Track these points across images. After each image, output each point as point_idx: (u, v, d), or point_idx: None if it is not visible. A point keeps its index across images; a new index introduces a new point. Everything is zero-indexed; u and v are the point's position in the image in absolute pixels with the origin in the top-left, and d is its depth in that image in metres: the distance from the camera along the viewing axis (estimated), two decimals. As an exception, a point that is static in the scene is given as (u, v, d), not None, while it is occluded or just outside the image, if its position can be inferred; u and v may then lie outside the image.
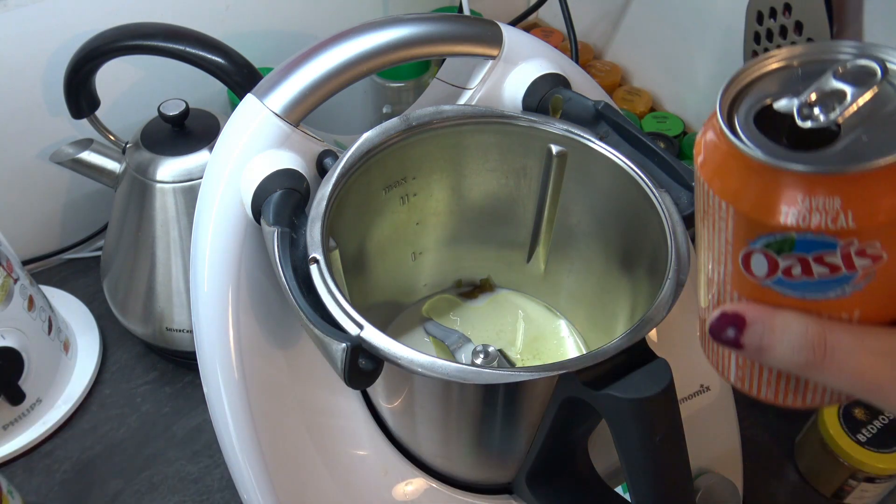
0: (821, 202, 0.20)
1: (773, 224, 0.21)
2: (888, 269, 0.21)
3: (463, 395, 0.38)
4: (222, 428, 0.42)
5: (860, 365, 0.22)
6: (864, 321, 0.22)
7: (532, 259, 0.51)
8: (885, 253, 0.21)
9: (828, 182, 0.20)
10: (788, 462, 0.65)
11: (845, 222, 0.20)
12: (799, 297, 0.22)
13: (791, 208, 0.20)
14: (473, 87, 0.47)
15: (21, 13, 0.64)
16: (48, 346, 0.64)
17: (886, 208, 0.20)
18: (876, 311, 0.22)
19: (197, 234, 0.41)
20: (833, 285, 0.22)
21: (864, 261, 0.21)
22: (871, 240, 0.20)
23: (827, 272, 0.21)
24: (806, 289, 0.22)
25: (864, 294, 0.22)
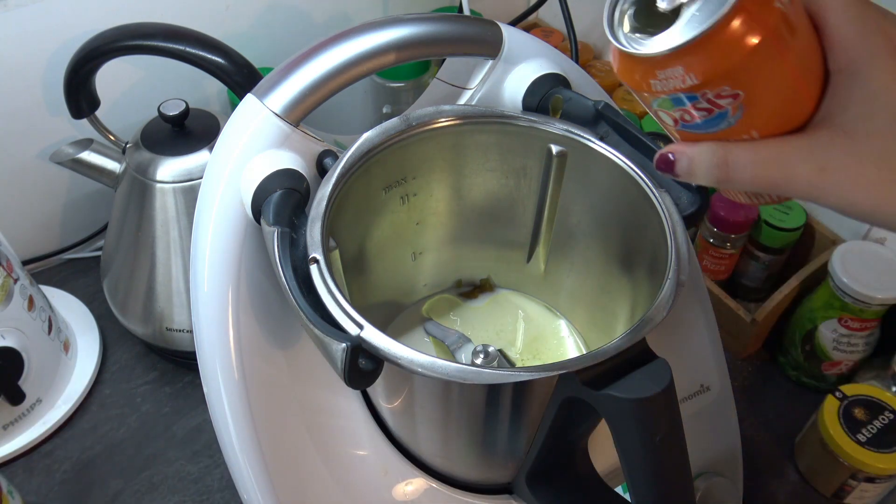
0: (669, 72, 0.27)
1: (653, 92, 0.28)
2: (751, 99, 0.27)
3: (463, 395, 0.38)
4: (222, 428, 0.42)
5: (758, 172, 0.28)
6: (764, 136, 0.28)
7: (532, 259, 0.51)
8: (739, 91, 0.27)
9: (668, 57, 0.26)
10: (788, 462, 0.65)
11: (692, 80, 0.26)
12: (704, 132, 0.29)
13: (656, 80, 0.27)
14: (473, 87, 0.47)
15: (21, 13, 0.64)
16: (48, 346, 0.64)
17: (714, 64, 0.26)
18: (767, 128, 0.28)
19: (197, 234, 0.41)
20: (719, 120, 0.28)
21: (726, 100, 0.27)
22: (718, 87, 0.27)
23: (707, 114, 0.28)
24: (705, 126, 0.28)
25: (748, 119, 0.28)
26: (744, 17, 0.25)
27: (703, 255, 0.73)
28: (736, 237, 0.70)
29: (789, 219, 0.70)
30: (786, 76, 0.27)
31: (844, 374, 0.67)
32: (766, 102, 0.27)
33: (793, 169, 0.28)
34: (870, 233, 0.68)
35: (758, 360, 0.72)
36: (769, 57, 0.26)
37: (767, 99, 0.27)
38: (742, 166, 0.28)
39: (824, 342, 0.66)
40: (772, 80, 0.27)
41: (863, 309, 0.63)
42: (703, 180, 0.30)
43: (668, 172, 0.31)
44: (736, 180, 0.29)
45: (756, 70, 0.26)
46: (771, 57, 0.26)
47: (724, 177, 0.29)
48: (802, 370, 0.69)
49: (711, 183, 0.30)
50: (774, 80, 0.27)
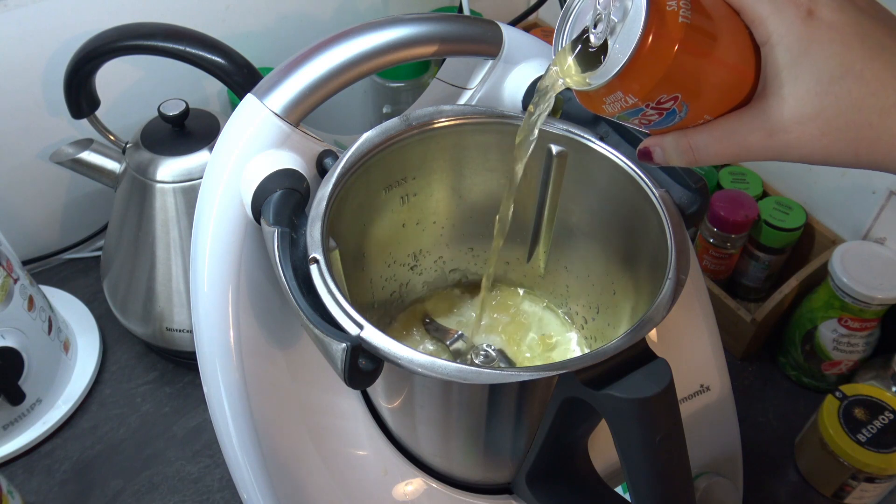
0: (612, 98, 0.30)
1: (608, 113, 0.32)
2: (689, 96, 0.30)
3: (463, 395, 0.38)
4: (222, 428, 0.42)
5: (718, 149, 0.32)
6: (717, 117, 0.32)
7: (532, 259, 0.51)
8: (675, 94, 0.30)
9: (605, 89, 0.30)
10: (788, 462, 0.65)
11: (632, 100, 0.30)
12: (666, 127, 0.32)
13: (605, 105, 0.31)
14: (473, 87, 0.47)
15: (21, 13, 0.64)
16: (48, 346, 0.64)
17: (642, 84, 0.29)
18: (716, 109, 0.32)
19: (197, 234, 0.41)
20: (671, 118, 0.31)
21: (668, 104, 0.30)
22: (655, 97, 0.30)
23: (658, 116, 0.31)
24: (664, 123, 0.32)
25: (695, 110, 0.31)
26: (653, 44, 0.29)
27: (703, 255, 0.73)
28: (736, 237, 0.70)
29: (789, 219, 0.70)
30: (712, 67, 0.30)
31: (844, 374, 0.67)
32: (704, 93, 0.31)
33: (745, 139, 0.31)
34: (870, 233, 0.68)
35: (758, 360, 0.72)
36: (689, 62, 0.29)
37: (703, 91, 0.31)
38: (703, 147, 0.32)
39: (824, 342, 0.66)
40: (699, 75, 0.30)
41: (863, 309, 0.63)
42: (678, 164, 0.34)
43: (649, 162, 0.35)
44: (703, 159, 0.33)
45: (680, 77, 0.30)
46: (689, 61, 0.29)
47: (692, 159, 0.33)
48: (802, 370, 0.69)
49: (686, 164, 0.34)
50: (702, 74, 0.30)
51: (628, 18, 0.29)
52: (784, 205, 0.71)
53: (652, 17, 0.28)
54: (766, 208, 0.70)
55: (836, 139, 0.30)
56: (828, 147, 0.30)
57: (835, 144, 0.30)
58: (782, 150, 0.31)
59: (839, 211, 0.70)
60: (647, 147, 0.34)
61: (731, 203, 0.69)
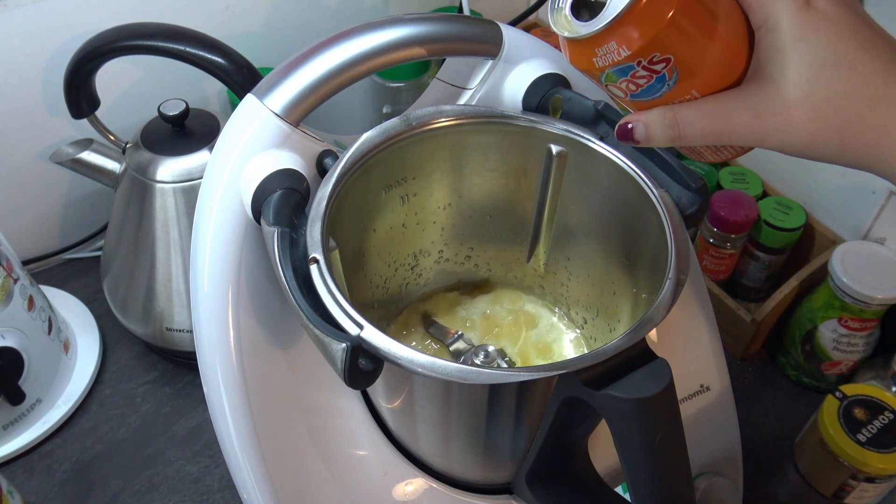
0: (605, 48, 0.30)
1: (597, 68, 0.31)
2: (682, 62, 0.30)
3: (463, 395, 0.38)
4: (222, 428, 0.42)
5: (703, 126, 0.32)
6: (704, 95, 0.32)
7: (532, 259, 0.51)
8: (669, 55, 0.30)
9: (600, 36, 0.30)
10: (788, 462, 0.65)
11: (625, 52, 0.30)
12: (652, 98, 0.32)
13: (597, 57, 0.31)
14: (473, 87, 0.47)
15: (21, 13, 0.64)
16: (48, 346, 0.64)
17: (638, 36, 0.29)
18: (705, 87, 0.32)
19: (197, 234, 0.41)
20: (660, 84, 0.31)
21: (659, 65, 0.30)
22: (649, 54, 0.30)
23: (647, 80, 0.31)
24: (650, 92, 0.32)
25: (684, 80, 0.31)
26: None
27: (703, 255, 0.73)
28: (736, 237, 0.70)
29: (789, 219, 0.70)
30: (707, 39, 0.31)
31: (844, 374, 0.67)
32: (696, 64, 0.31)
33: (732, 118, 0.31)
34: (870, 233, 0.68)
35: (758, 360, 0.72)
36: (686, 25, 0.30)
37: (696, 60, 0.31)
38: (689, 122, 0.32)
39: (824, 342, 0.66)
40: (694, 43, 0.30)
41: (863, 309, 0.63)
42: (659, 141, 0.33)
43: (629, 140, 0.34)
44: (687, 136, 0.32)
45: (676, 37, 0.30)
46: (687, 25, 0.30)
47: (676, 134, 0.32)
48: (802, 370, 0.69)
49: (667, 142, 0.33)
50: (697, 43, 0.30)
51: None
52: (784, 205, 0.71)
53: None
54: (766, 208, 0.70)
55: (823, 125, 0.30)
56: (814, 134, 0.30)
57: (822, 131, 0.30)
58: (768, 132, 0.31)
59: (839, 211, 0.70)
60: (628, 121, 0.34)
61: (731, 203, 0.69)
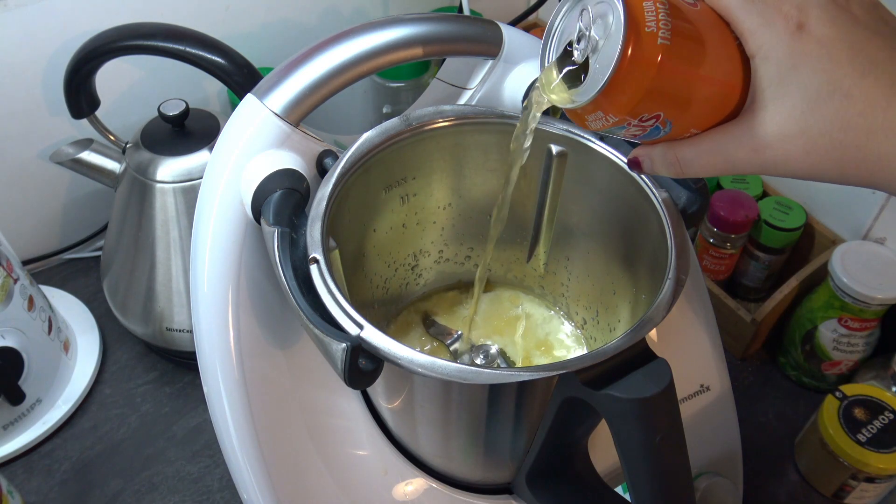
0: (593, 116, 0.31)
1: (593, 129, 0.32)
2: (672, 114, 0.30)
3: (463, 395, 0.38)
4: (222, 428, 0.42)
5: (703, 162, 0.32)
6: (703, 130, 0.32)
7: (532, 258, 0.51)
8: (657, 112, 0.30)
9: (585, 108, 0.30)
10: (788, 462, 0.65)
11: (613, 119, 0.30)
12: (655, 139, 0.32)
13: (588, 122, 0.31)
14: (473, 87, 0.47)
15: (21, 13, 0.64)
16: (48, 346, 0.64)
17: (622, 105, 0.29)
18: (703, 124, 0.32)
19: (197, 234, 0.41)
20: (656, 133, 0.31)
21: (650, 121, 0.30)
22: (637, 116, 0.30)
23: (642, 132, 0.31)
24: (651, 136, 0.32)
25: (679, 125, 0.31)
26: (630, 66, 0.28)
27: (703, 255, 0.73)
28: (736, 237, 0.70)
29: (789, 219, 0.70)
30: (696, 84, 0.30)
31: (844, 374, 0.67)
32: (688, 109, 0.31)
33: (731, 154, 0.31)
34: (870, 233, 0.68)
35: (758, 360, 0.72)
36: (668, 82, 0.29)
37: (687, 107, 0.31)
38: (690, 160, 0.32)
39: (824, 342, 0.66)
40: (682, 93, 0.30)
41: (863, 309, 0.63)
42: (666, 174, 0.34)
43: (639, 171, 0.35)
44: (689, 172, 0.33)
45: (660, 95, 0.29)
46: (670, 81, 0.29)
47: (678, 171, 0.33)
48: (802, 370, 0.69)
49: (673, 176, 0.34)
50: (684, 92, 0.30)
51: (609, 38, 0.29)
52: (784, 205, 0.71)
53: (629, 39, 0.28)
54: (766, 208, 0.70)
55: (821, 158, 0.30)
56: (813, 165, 0.30)
57: (820, 163, 0.30)
58: (768, 165, 0.31)
59: (839, 211, 0.70)
60: (637, 157, 0.34)
61: (731, 203, 0.69)
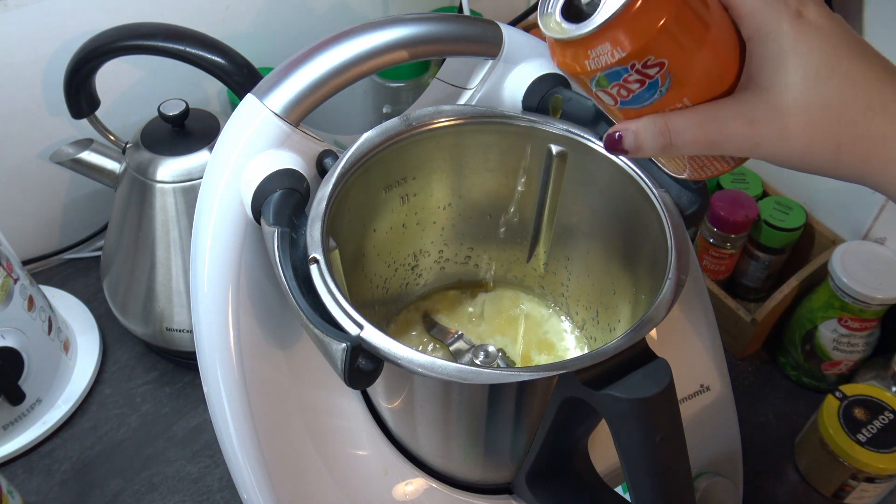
0: (598, 49, 0.30)
1: (589, 71, 0.31)
2: (675, 67, 0.30)
3: (463, 395, 0.38)
4: (222, 428, 0.42)
5: (696, 134, 0.31)
6: (696, 102, 0.31)
7: (532, 258, 0.51)
8: (663, 59, 0.30)
9: (595, 36, 0.29)
10: (788, 462, 0.65)
11: (619, 53, 0.29)
12: (642, 106, 0.31)
13: (588, 59, 0.30)
14: (473, 87, 0.47)
15: (21, 13, 0.64)
16: (48, 346, 0.64)
17: (633, 38, 0.29)
18: (697, 95, 0.31)
19: (197, 234, 0.41)
20: (652, 91, 0.31)
21: (653, 69, 0.30)
22: (643, 57, 0.29)
23: (639, 86, 0.30)
24: (641, 99, 0.31)
25: (677, 87, 0.31)
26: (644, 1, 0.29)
27: (703, 255, 0.73)
28: (736, 237, 0.70)
29: (789, 219, 0.70)
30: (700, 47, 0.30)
31: (844, 374, 0.67)
32: (690, 70, 0.31)
33: (726, 125, 0.31)
34: (870, 233, 0.68)
35: (758, 360, 0.72)
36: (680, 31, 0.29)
37: (690, 67, 0.30)
38: (681, 129, 0.31)
39: (824, 342, 0.66)
40: (688, 50, 0.30)
41: (863, 309, 0.63)
42: (649, 150, 0.32)
43: (617, 150, 0.33)
44: (678, 144, 0.31)
45: (671, 42, 0.30)
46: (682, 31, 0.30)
47: (667, 142, 0.32)
48: (802, 370, 0.69)
49: (657, 152, 0.32)
50: (690, 50, 0.30)
51: None
52: (784, 205, 0.71)
53: None
54: (766, 208, 0.70)
55: (819, 134, 0.30)
56: (809, 143, 0.30)
57: (817, 140, 0.30)
58: (762, 141, 0.31)
59: (839, 211, 0.70)
60: (617, 131, 0.32)
61: (731, 203, 0.69)
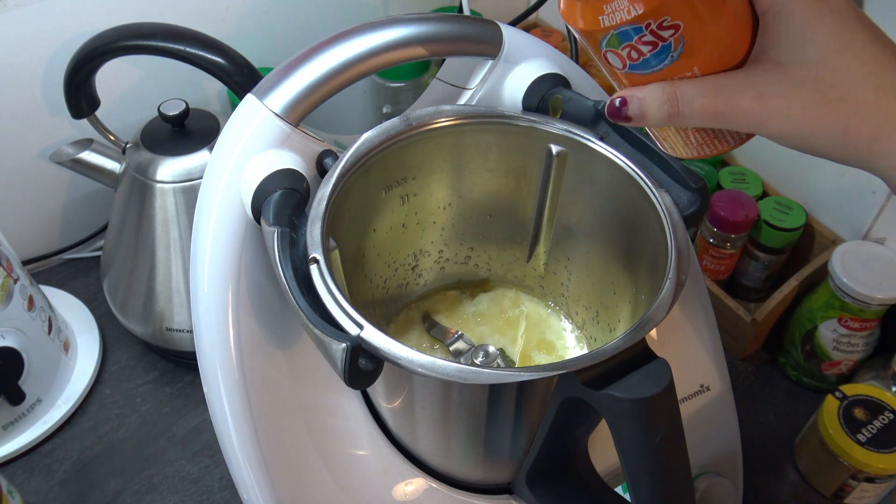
0: (615, 4, 0.29)
1: (601, 28, 0.30)
2: (690, 33, 0.29)
3: (463, 395, 0.38)
4: (222, 428, 0.42)
5: (704, 104, 0.30)
6: (705, 73, 0.31)
7: (532, 258, 0.51)
8: (679, 21, 0.29)
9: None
10: (788, 462, 0.65)
11: (636, 10, 0.29)
12: (651, 71, 0.31)
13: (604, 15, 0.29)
14: (473, 87, 0.47)
15: (21, 13, 0.64)
16: (48, 346, 0.64)
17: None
18: (707, 65, 0.31)
19: (197, 234, 0.41)
20: (663, 55, 0.30)
21: (667, 31, 0.29)
22: (660, 17, 0.29)
23: (651, 49, 0.30)
24: (651, 64, 0.31)
25: (688, 54, 0.30)
26: None
27: (703, 255, 0.73)
28: (736, 237, 0.70)
29: (789, 219, 0.70)
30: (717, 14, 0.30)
31: (844, 374, 0.67)
32: (704, 38, 0.30)
33: (735, 97, 0.30)
34: (870, 233, 0.68)
35: (758, 360, 0.72)
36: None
37: (704, 34, 0.30)
38: (690, 98, 0.31)
39: (824, 342, 0.66)
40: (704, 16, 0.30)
41: (863, 309, 0.63)
42: (654, 118, 0.31)
43: (620, 117, 0.32)
44: (685, 113, 0.31)
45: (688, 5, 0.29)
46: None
47: (674, 110, 0.31)
48: (802, 370, 0.69)
49: (662, 120, 0.31)
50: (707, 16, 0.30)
51: None
52: (784, 205, 0.71)
53: None
54: (766, 208, 0.70)
55: (828, 111, 0.30)
56: (818, 119, 0.30)
57: (826, 116, 0.30)
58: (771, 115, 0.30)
59: (839, 211, 0.70)
60: (623, 96, 0.32)
61: (731, 203, 0.69)
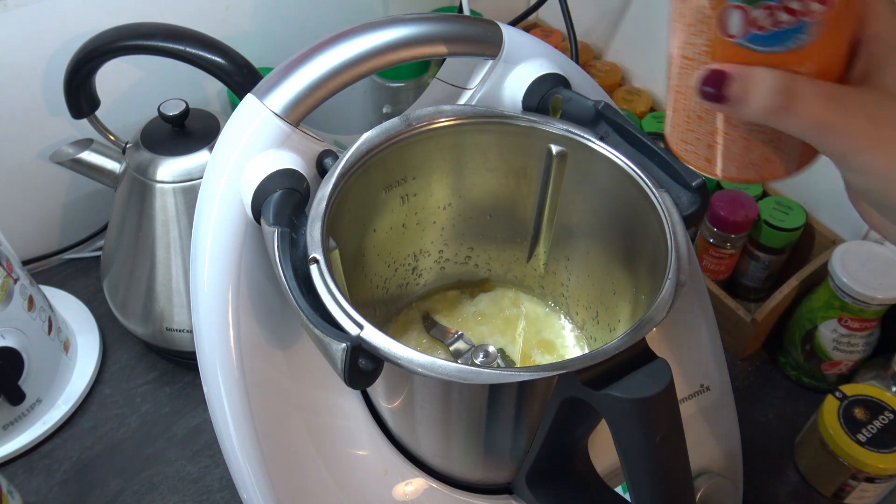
0: None
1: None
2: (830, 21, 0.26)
3: (463, 395, 0.38)
4: (222, 428, 0.42)
5: (817, 108, 0.27)
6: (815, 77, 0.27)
7: (532, 258, 0.51)
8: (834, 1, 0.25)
9: None
10: (788, 462, 0.65)
11: None
12: (766, 51, 0.26)
13: None
14: (473, 87, 0.47)
15: (21, 13, 0.64)
16: (48, 346, 0.64)
17: None
18: (819, 65, 0.27)
19: (197, 234, 0.41)
20: (793, 35, 0.26)
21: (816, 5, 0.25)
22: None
23: (788, 23, 0.25)
24: (772, 41, 0.26)
25: (810, 48, 0.26)
26: None
27: (703, 255, 0.73)
28: (736, 237, 0.70)
29: (789, 219, 0.70)
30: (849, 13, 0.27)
31: (844, 374, 0.67)
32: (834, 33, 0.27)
33: (850, 113, 0.27)
34: (870, 233, 0.68)
35: (758, 360, 0.72)
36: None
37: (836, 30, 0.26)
38: (807, 97, 0.27)
39: (824, 342, 0.66)
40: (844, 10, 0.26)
41: (863, 309, 0.63)
42: (755, 108, 0.27)
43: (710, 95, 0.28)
44: (796, 112, 0.27)
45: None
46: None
47: (783, 105, 0.27)
48: (802, 370, 0.69)
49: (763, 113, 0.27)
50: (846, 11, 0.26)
51: None
52: (784, 205, 0.71)
53: None
54: (766, 208, 0.70)
55: None
56: None
57: None
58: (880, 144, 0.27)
59: (839, 211, 0.70)
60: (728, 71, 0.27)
61: (731, 203, 0.69)
